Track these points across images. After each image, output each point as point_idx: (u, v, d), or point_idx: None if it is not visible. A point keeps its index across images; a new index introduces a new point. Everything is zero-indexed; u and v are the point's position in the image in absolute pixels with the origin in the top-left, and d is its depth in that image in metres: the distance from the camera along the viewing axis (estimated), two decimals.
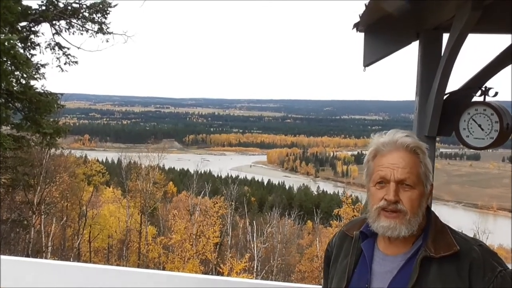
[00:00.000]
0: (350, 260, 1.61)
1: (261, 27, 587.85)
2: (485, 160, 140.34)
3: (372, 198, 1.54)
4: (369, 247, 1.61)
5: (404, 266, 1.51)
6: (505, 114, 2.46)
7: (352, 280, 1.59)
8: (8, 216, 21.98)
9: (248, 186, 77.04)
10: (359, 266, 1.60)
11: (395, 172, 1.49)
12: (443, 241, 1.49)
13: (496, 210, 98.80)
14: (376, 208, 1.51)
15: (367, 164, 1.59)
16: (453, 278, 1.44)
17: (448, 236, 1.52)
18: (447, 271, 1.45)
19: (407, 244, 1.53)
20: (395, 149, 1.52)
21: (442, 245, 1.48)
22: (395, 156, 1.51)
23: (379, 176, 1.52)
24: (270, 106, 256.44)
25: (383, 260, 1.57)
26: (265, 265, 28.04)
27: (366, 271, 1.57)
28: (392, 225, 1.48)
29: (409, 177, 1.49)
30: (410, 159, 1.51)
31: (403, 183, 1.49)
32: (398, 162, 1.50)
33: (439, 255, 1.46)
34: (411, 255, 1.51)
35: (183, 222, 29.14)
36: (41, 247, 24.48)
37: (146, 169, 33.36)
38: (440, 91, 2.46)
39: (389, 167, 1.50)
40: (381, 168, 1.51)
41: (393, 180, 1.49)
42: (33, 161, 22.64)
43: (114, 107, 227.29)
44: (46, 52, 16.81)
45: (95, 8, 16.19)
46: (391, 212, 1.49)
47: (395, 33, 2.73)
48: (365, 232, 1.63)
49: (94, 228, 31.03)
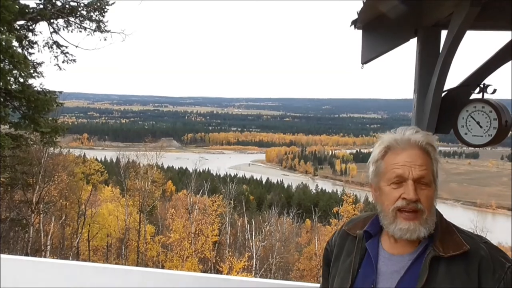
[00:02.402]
0: (355, 259, 1.58)
1: (259, 26, 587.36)
2: (484, 158, 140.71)
3: (387, 198, 1.49)
4: (373, 247, 1.57)
5: (412, 266, 1.47)
6: (504, 111, 2.45)
7: (356, 280, 1.55)
8: (7, 215, 21.95)
9: (246, 185, 77.23)
10: (364, 266, 1.56)
11: (412, 170, 1.45)
12: (451, 240, 1.47)
13: (495, 209, 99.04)
14: (393, 209, 1.47)
15: (376, 163, 1.54)
16: (462, 277, 1.41)
17: (455, 235, 1.49)
18: (455, 270, 1.42)
19: (413, 244, 1.50)
20: (409, 147, 1.49)
21: (450, 244, 1.45)
22: (410, 153, 1.47)
23: (395, 174, 1.46)
24: (268, 105, 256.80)
25: (389, 260, 1.53)
26: (263, 263, 28.05)
27: (371, 271, 1.54)
28: (411, 227, 1.44)
29: (426, 175, 1.46)
30: (424, 156, 1.48)
31: (420, 181, 1.45)
32: (414, 160, 1.46)
33: (448, 255, 1.43)
34: (418, 254, 1.48)
35: (182, 220, 29.14)
36: (40, 246, 24.46)
37: (145, 168, 33.35)
38: (438, 89, 2.45)
39: (406, 165, 1.46)
40: (397, 166, 1.47)
41: (411, 178, 1.44)
42: (31, 160, 22.60)
43: (112, 106, 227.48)
44: (44, 50, 16.79)
45: (92, 7, 16.15)
46: (409, 212, 1.45)
47: (393, 30, 2.71)
48: (370, 231, 1.60)
49: (93, 227, 31.01)
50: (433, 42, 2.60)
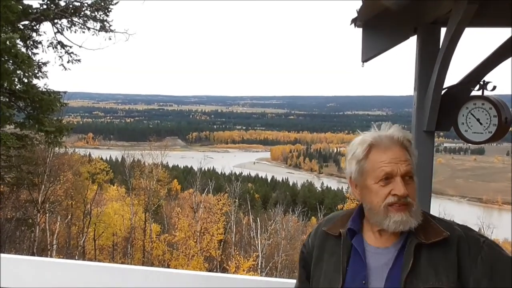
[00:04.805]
0: (343, 258, 1.59)
1: (263, 24, 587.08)
2: (489, 154, 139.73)
3: (377, 195, 1.53)
4: (359, 243, 1.60)
5: (399, 256, 1.52)
6: (504, 108, 2.45)
7: (346, 278, 1.57)
8: (13, 214, 22.09)
9: (251, 183, 77.21)
10: (352, 263, 1.58)
11: (399, 166, 1.50)
12: (430, 228, 1.53)
13: (501, 205, 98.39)
14: (384, 205, 1.51)
15: (360, 162, 1.57)
16: (444, 261, 1.48)
17: (431, 222, 1.55)
18: (437, 255, 1.49)
19: (396, 235, 1.55)
20: (392, 144, 1.54)
21: (430, 232, 1.51)
22: (395, 150, 1.52)
23: (384, 172, 1.51)
24: (273, 103, 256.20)
25: (376, 254, 1.56)
26: (269, 261, 28.08)
27: (361, 267, 1.56)
28: (404, 218, 1.49)
29: (411, 169, 1.52)
30: (406, 151, 1.54)
31: (406, 176, 1.51)
32: (399, 156, 1.51)
33: (430, 241, 1.49)
34: (403, 244, 1.53)
35: (187, 219, 29.21)
36: (46, 245, 24.59)
37: (150, 167, 33.43)
38: (438, 86, 2.45)
39: (393, 162, 1.51)
40: (384, 164, 1.51)
41: (399, 175, 1.50)
42: (37, 159, 22.72)
43: (117, 105, 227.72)
44: (49, 50, 16.89)
45: (96, 6, 16.21)
46: (400, 206, 1.50)
47: (392, 28, 2.71)
48: (353, 228, 1.62)
49: (98, 226, 31.11)
50: (432, 40, 2.60)
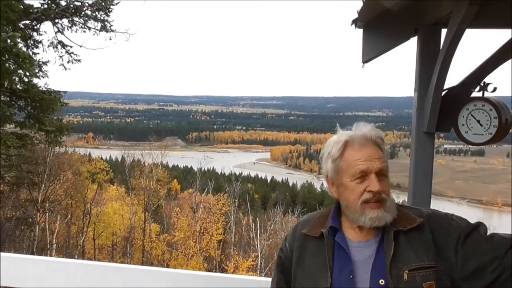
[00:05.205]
0: (328, 257, 1.61)
1: (263, 24, 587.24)
2: (489, 156, 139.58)
3: (353, 192, 1.57)
4: (343, 240, 1.63)
5: (380, 246, 1.57)
6: (504, 109, 2.45)
7: (333, 276, 1.59)
8: (12, 213, 22.10)
9: (251, 183, 77.15)
10: (337, 260, 1.61)
11: (374, 164, 1.55)
12: (403, 216, 1.59)
13: (501, 206, 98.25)
14: (361, 202, 1.55)
15: (335, 161, 1.61)
16: (420, 242, 1.55)
17: (403, 211, 1.61)
18: (414, 238, 1.56)
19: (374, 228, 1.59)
20: (366, 142, 1.59)
21: (405, 220, 1.58)
22: (369, 148, 1.58)
23: (359, 170, 1.55)
24: (273, 103, 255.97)
25: (359, 248, 1.60)
26: (268, 262, 28.07)
27: (346, 263, 1.58)
28: (380, 214, 1.54)
29: (384, 166, 1.57)
30: (378, 149, 1.60)
31: (380, 173, 1.56)
32: (373, 154, 1.57)
33: (407, 228, 1.56)
34: (382, 235, 1.58)
35: (187, 219, 29.21)
36: (45, 244, 24.61)
37: (150, 166, 33.44)
38: (438, 87, 2.45)
39: (368, 160, 1.55)
40: (360, 162, 1.56)
41: (373, 172, 1.55)
42: (37, 159, 22.74)
43: (117, 105, 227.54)
44: (49, 50, 16.90)
45: (97, 6, 16.22)
46: (375, 202, 1.55)
47: (393, 29, 2.72)
48: (335, 226, 1.65)
49: (98, 226, 31.15)
50: (433, 41, 2.60)
